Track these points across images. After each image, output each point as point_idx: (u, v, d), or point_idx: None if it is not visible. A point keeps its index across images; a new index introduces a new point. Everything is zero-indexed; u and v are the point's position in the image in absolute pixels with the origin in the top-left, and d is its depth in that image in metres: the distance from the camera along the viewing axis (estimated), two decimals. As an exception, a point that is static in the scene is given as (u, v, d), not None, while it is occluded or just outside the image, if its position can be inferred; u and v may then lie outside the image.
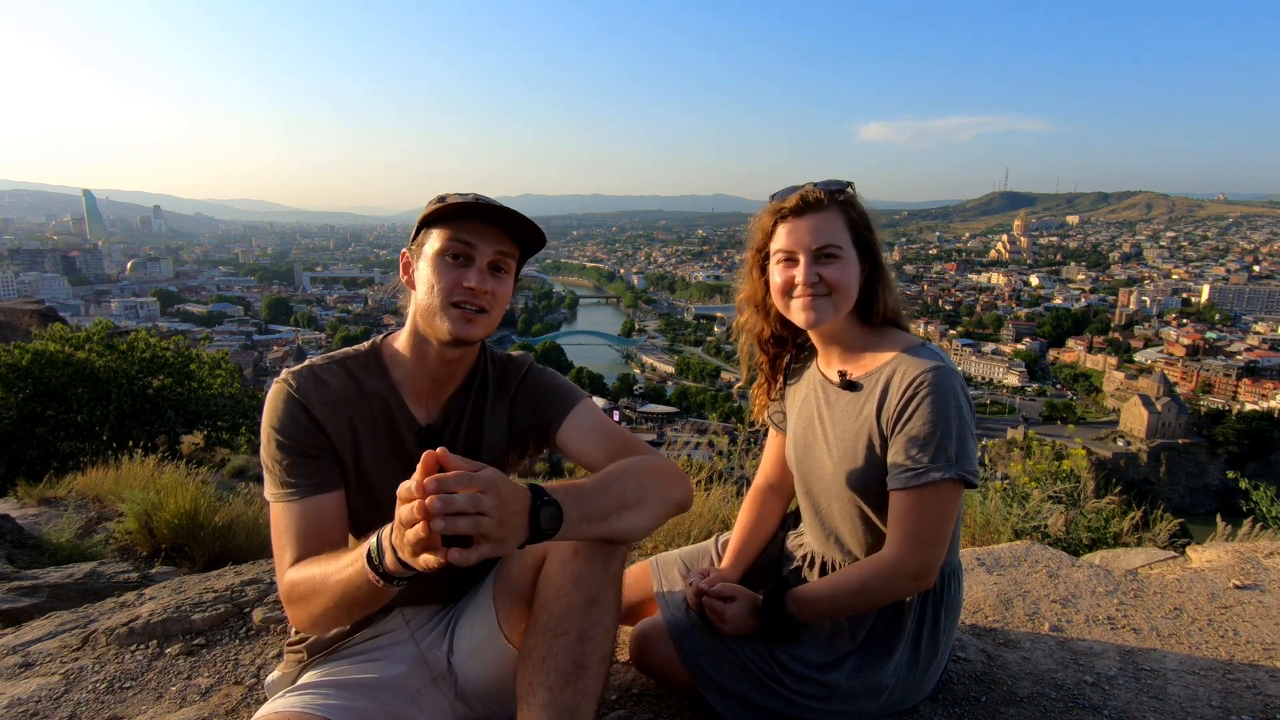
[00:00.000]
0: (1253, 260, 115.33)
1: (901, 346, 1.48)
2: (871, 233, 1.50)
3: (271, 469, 1.27)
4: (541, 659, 1.15)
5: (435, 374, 1.38)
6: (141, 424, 7.71)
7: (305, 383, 1.30)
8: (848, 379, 1.54)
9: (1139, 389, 65.41)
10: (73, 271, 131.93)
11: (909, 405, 1.39)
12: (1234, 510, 3.61)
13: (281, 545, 1.25)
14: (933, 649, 1.56)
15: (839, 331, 1.56)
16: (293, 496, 1.26)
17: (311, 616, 1.18)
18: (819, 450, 1.59)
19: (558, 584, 1.19)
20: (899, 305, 1.55)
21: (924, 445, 1.37)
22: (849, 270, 1.47)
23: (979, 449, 1.82)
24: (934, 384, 1.37)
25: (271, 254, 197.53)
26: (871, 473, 1.47)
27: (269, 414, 1.28)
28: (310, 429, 1.28)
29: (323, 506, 1.27)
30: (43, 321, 12.51)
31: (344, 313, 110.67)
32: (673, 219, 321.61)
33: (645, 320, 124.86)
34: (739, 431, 5.79)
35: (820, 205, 1.47)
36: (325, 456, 1.29)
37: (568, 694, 1.13)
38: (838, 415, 1.55)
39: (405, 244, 1.37)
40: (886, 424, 1.44)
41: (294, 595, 1.19)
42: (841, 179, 1.51)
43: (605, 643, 1.19)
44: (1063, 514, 3.21)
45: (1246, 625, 2.11)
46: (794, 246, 1.48)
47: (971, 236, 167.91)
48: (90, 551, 3.66)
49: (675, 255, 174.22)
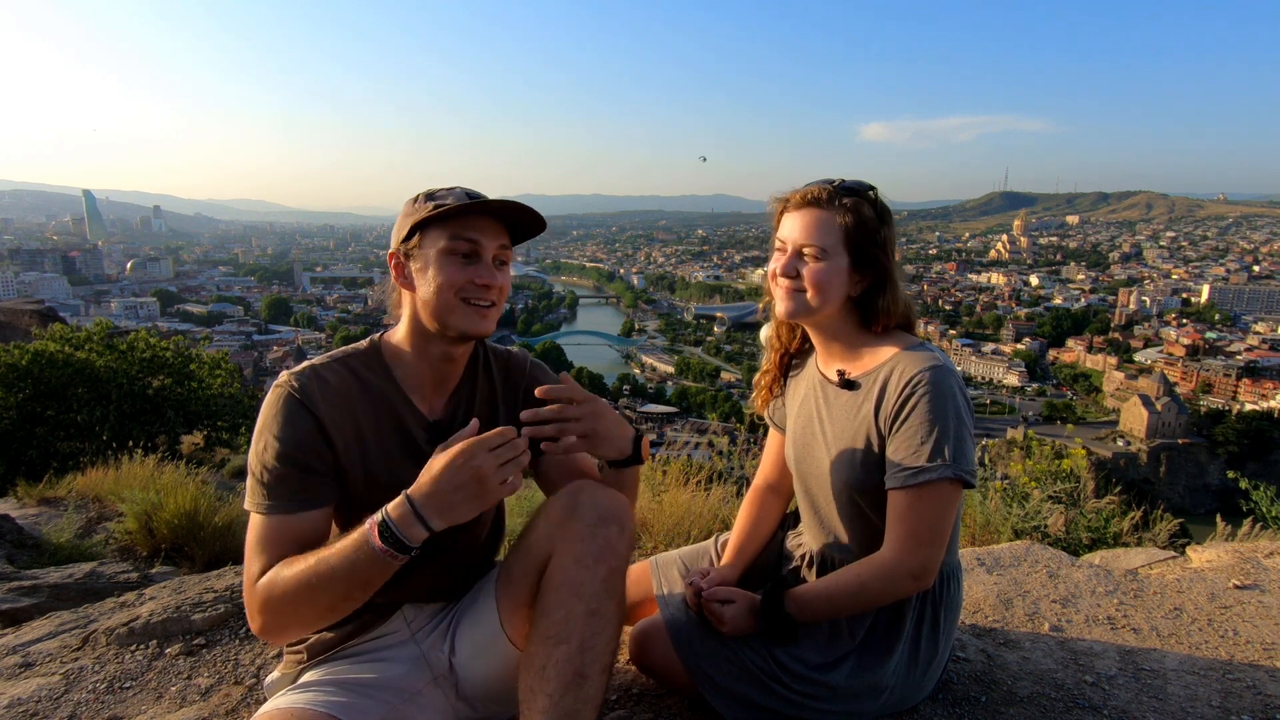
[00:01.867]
0: (1253, 260, 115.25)
1: (901, 345, 1.48)
2: (873, 242, 1.47)
3: (261, 477, 1.23)
4: (542, 667, 1.16)
5: (439, 369, 1.39)
6: (141, 424, 7.71)
7: (308, 383, 1.27)
8: (846, 378, 1.55)
9: (1139, 389, 65.40)
10: (73, 271, 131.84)
11: (907, 404, 1.39)
12: (1234, 510, 3.61)
13: (255, 559, 1.21)
14: (933, 649, 1.56)
15: (837, 330, 1.56)
16: (276, 510, 1.22)
17: (299, 615, 1.16)
18: (818, 449, 1.59)
19: (559, 592, 1.20)
20: (908, 314, 1.55)
21: (921, 444, 1.37)
22: (831, 273, 1.46)
23: (979, 449, 1.82)
24: (932, 383, 1.37)
25: (271, 254, 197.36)
26: (870, 472, 1.47)
27: (269, 420, 1.25)
28: (314, 436, 1.25)
29: (306, 522, 1.24)
30: (43, 321, 12.51)
31: (344, 313, 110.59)
32: (673, 219, 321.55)
33: (645, 320, 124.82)
34: (739, 431, 5.79)
35: (820, 203, 1.48)
36: (324, 470, 1.26)
37: (568, 701, 1.14)
38: (836, 414, 1.56)
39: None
40: (884, 423, 1.44)
41: (275, 593, 1.16)
42: (864, 182, 1.50)
43: (606, 653, 1.19)
44: (1063, 514, 3.21)
45: (1246, 625, 2.11)
46: (785, 238, 1.52)
47: (971, 236, 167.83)
48: (90, 551, 3.66)
49: (675, 255, 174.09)
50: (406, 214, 1.31)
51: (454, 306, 1.29)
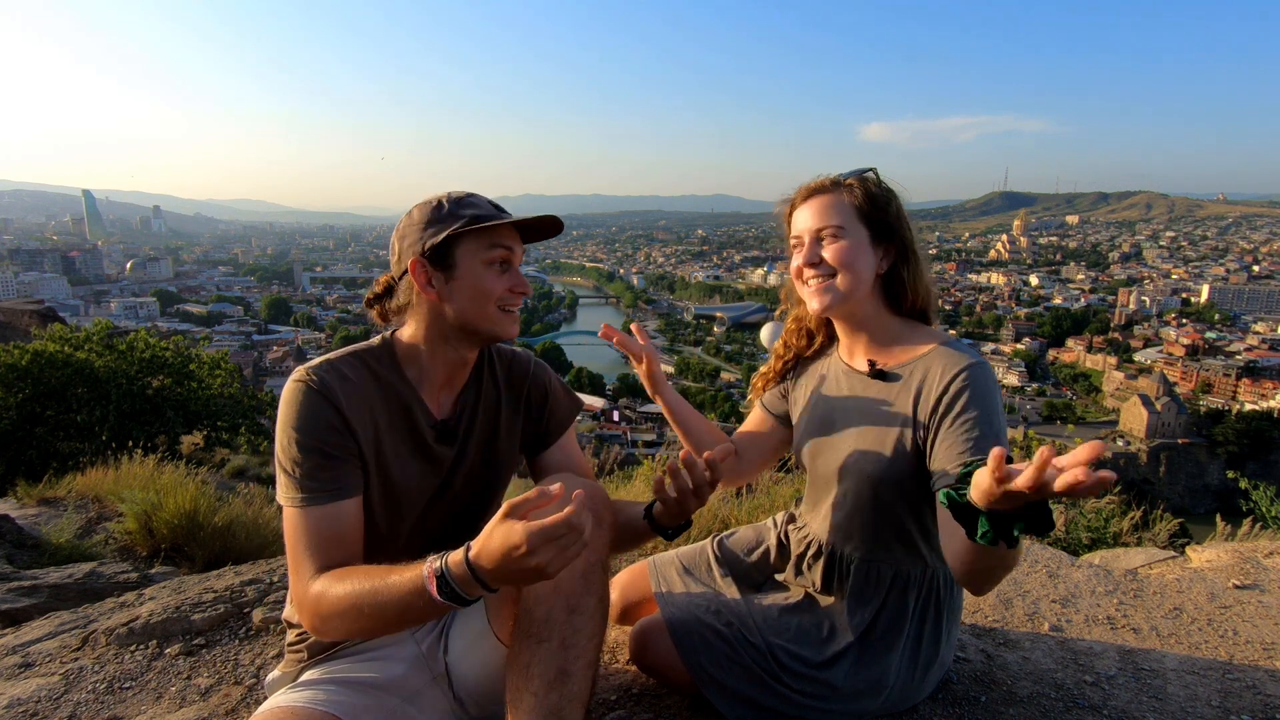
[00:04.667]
0: (1252, 260, 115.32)
1: (937, 340, 1.47)
2: (887, 214, 1.48)
3: (290, 471, 1.23)
4: (525, 665, 1.16)
5: (452, 369, 1.41)
6: (141, 424, 7.71)
7: (328, 376, 1.27)
8: (878, 368, 1.52)
9: (1139, 389, 65.42)
10: (72, 272, 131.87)
11: (956, 402, 1.35)
12: (1234, 510, 3.62)
13: (300, 554, 1.22)
14: (934, 649, 1.55)
15: (866, 318, 1.54)
16: (312, 502, 1.22)
17: (346, 630, 1.18)
18: (840, 440, 1.56)
19: (538, 591, 1.20)
20: (930, 297, 1.53)
21: (977, 445, 1.31)
22: (853, 248, 1.46)
23: None
24: (979, 381, 1.36)
25: (271, 254, 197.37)
26: (899, 464, 1.44)
27: (289, 413, 1.24)
28: (336, 426, 1.25)
29: (343, 512, 1.25)
30: (42, 321, 12.52)
31: (344, 313, 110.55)
32: (672, 219, 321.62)
33: (645, 320, 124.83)
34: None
35: (825, 190, 1.49)
36: (349, 458, 1.27)
37: (553, 699, 1.14)
38: (865, 405, 1.53)
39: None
40: (924, 417, 1.40)
41: (324, 608, 1.17)
42: (863, 167, 1.52)
43: (589, 649, 1.19)
44: (1062, 514, 3.21)
45: (1246, 625, 2.11)
46: (801, 231, 1.51)
47: (971, 236, 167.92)
48: (90, 552, 3.66)
49: (675, 255, 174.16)
50: (430, 221, 1.30)
51: (491, 314, 1.33)
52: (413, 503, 1.38)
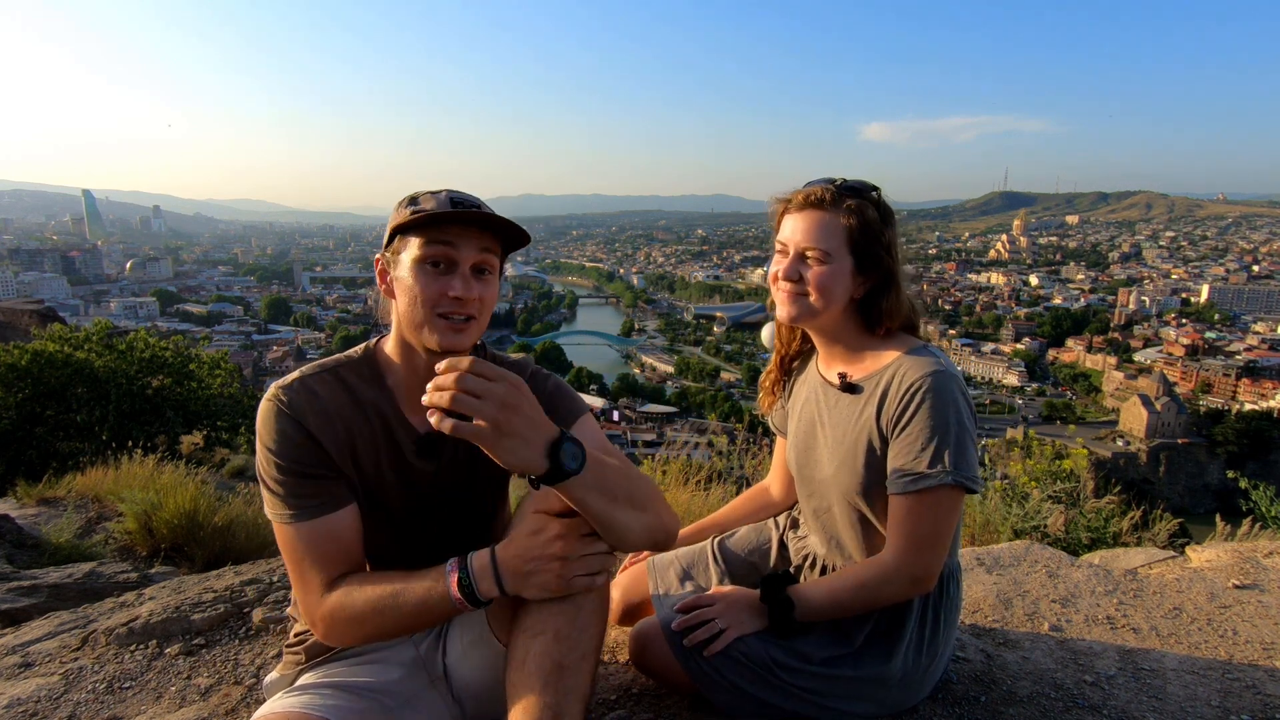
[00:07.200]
0: (1252, 260, 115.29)
1: (903, 349, 1.47)
2: (878, 244, 1.46)
3: (274, 489, 1.22)
4: (521, 661, 1.16)
5: (428, 380, 1.35)
6: (141, 424, 7.71)
7: (296, 396, 1.24)
8: (847, 381, 1.54)
9: (1138, 389, 65.41)
10: (72, 271, 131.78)
11: (908, 409, 1.39)
12: (1233, 510, 3.62)
13: (305, 568, 1.21)
14: (933, 649, 1.56)
15: (839, 332, 1.55)
16: (300, 518, 1.21)
17: (364, 635, 1.20)
18: (819, 453, 1.59)
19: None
20: (912, 315, 1.53)
21: (922, 451, 1.36)
22: (834, 277, 1.45)
23: (980, 449, 1.82)
24: (933, 389, 1.37)
25: (271, 254, 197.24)
26: (871, 476, 1.46)
27: (263, 433, 1.23)
28: (308, 447, 1.23)
29: (337, 523, 1.23)
30: (42, 321, 12.51)
31: (344, 313, 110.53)
32: (672, 219, 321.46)
33: (645, 320, 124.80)
34: (738, 431, 5.78)
35: (823, 205, 1.46)
36: (329, 474, 1.25)
37: (549, 693, 1.13)
38: (838, 418, 1.55)
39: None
40: (886, 427, 1.43)
41: (342, 616, 1.18)
42: (867, 182, 1.48)
43: (584, 641, 1.18)
44: (1062, 514, 3.21)
45: (1246, 625, 2.11)
46: (786, 240, 1.50)
47: (971, 236, 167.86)
48: (90, 551, 3.66)
49: (675, 255, 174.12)
50: (393, 216, 1.26)
51: (427, 320, 1.21)
52: (393, 517, 1.34)
